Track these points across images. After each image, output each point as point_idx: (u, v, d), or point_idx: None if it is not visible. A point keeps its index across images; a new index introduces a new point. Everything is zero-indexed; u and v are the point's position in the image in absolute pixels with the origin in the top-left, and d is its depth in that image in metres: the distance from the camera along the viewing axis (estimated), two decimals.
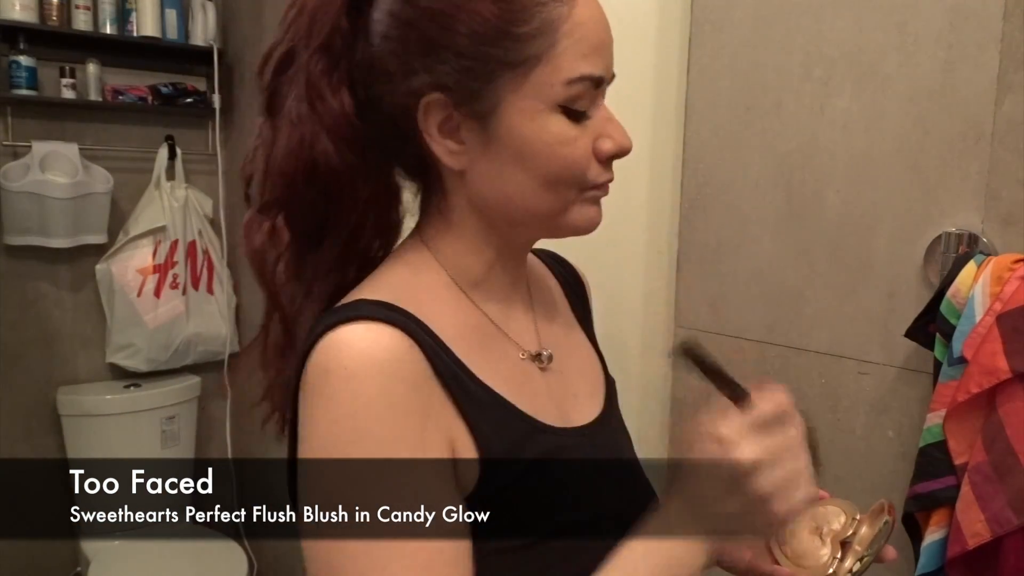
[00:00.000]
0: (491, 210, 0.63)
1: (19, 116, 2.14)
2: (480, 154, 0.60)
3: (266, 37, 1.97)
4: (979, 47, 0.90)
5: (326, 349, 0.54)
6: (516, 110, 0.58)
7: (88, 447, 2.20)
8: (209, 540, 2.26)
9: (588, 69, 0.58)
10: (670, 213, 1.25)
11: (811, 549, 0.69)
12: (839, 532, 0.69)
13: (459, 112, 0.59)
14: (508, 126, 0.59)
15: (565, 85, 0.57)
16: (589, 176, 0.60)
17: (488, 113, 0.58)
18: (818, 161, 1.04)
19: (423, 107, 0.59)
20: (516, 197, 0.61)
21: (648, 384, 1.31)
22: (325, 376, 0.53)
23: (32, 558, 2.29)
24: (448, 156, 0.60)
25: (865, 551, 0.68)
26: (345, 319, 0.55)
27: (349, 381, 0.53)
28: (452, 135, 0.60)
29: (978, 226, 0.91)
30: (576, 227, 0.62)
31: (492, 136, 0.59)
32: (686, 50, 1.19)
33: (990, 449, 0.81)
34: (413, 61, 0.59)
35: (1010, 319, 0.81)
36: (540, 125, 0.58)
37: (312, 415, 0.54)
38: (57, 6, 2.10)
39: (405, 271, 0.63)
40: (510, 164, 0.59)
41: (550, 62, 0.57)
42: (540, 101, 0.58)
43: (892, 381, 1.00)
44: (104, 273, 2.24)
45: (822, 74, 1.03)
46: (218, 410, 2.51)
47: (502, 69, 0.58)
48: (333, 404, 0.53)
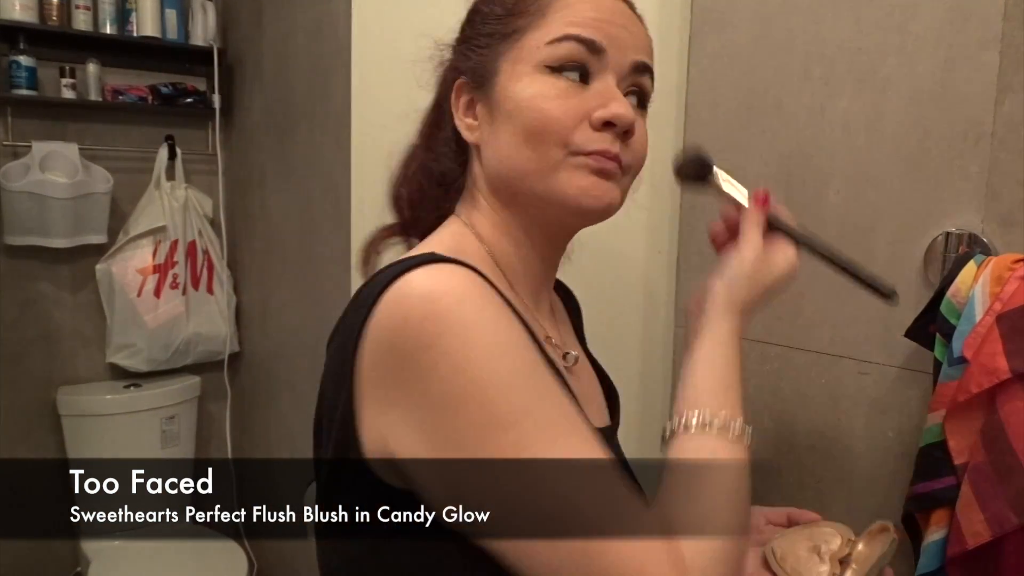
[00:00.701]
0: (497, 179, 0.66)
1: (19, 116, 2.14)
2: (487, 123, 0.65)
3: (266, 37, 1.96)
4: (979, 47, 0.90)
5: (416, 281, 0.53)
6: (508, 75, 0.63)
7: (88, 447, 2.20)
8: (209, 540, 2.26)
9: (574, 31, 0.61)
10: (670, 213, 1.25)
11: (810, 566, 0.70)
12: (837, 551, 0.70)
13: (476, 92, 0.66)
14: (502, 90, 0.63)
15: (548, 44, 0.61)
16: (574, 137, 0.61)
17: (491, 84, 0.64)
18: (818, 161, 1.04)
19: (455, 92, 0.67)
20: (506, 157, 0.63)
21: (648, 384, 1.31)
22: (430, 302, 0.51)
23: (32, 558, 2.29)
24: (467, 131, 0.67)
25: (867, 570, 0.69)
26: (418, 263, 0.54)
27: (460, 299, 0.52)
28: (470, 112, 0.67)
29: (978, 226, 0.91)
30: (566, 194, 0.62)
31: (493, 104, 0.64)
32: (686, 50, 1.19)
33: (990, 449, 0.81)
34: (454, 59, 0.69)
35: (1010, 319, 0.81)
36: (525, 83, 0.62)
37: (432, 342, 0.50)
38: (57, 6, 2.10)
39: (452, 241, 0.66)
40: (503, 124, 0.63)
41: (539, 29, 0.62)
42: (527, 63, 0.62)
43: (892, 381, 1.00)
44: (104, 273, 2.25)
45: (822, 74, 1.03)
46: (218, 410, 2.51)
47: (498, 41, 0.64)
48: (456, 321, 0.51)
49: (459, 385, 0.49)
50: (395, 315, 0.52)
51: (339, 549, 0.62)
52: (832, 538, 0.71)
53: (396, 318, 0.51)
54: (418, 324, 0.50)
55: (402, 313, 0.51)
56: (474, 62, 0.65)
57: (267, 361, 2.38)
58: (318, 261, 1.96)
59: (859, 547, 0.70)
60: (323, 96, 1.87)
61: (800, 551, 0.70)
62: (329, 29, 1.81)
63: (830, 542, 0.71)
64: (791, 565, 0.69)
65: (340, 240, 1.76)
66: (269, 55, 2.20)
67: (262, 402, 2.41)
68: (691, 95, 1.18)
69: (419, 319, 0.50)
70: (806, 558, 0.70)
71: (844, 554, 0.70)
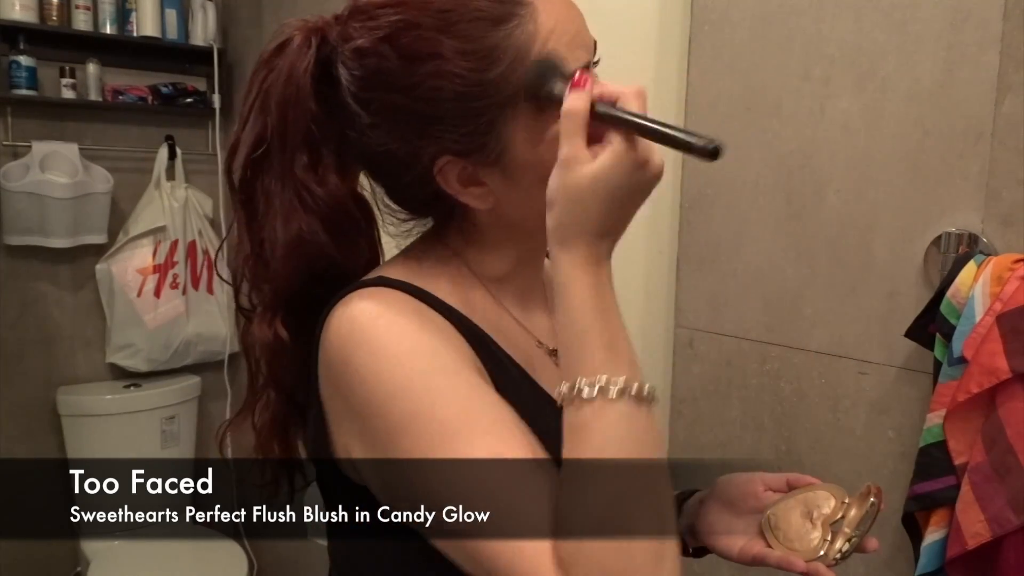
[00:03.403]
0: (525, 225, 0.62)
1: (19, 116, 2.13)
2: (504, 188, 0.60)
3: (266, 37, 1.96)
4: (979, 47, 0.90)
5: (348, 307, 0.55)
6: (522, 140, 0.57)
7: (88, 447, 2.20)
8: (209, 540, 2.26)
9: (573, 67, 0.56)
10: (670, 213, 1.25)
11: (802, 532, 0.70)
12: (829, 515, 0.71)
13: (473, 163, 0.58)
14: (521, 158, 0.58)
15: None
16: None
17: (500, 154, 0.58)
18: (818, 161, 1.04)
19: (439, 172, 0.59)
20: (541, 209, 0.57)
21: None
22: (351, 321, 0.54)
23: (32, 558, 2.29)
24: (476, 200, 0.60)
25: (853, 533, 0.69)
26: (361, 287, 0.57)
27: (376, 315, 0.54)
28: (473, 182, 0.59)
29: (978, 226, 0.91)
30: None
31: (509, 171, 0.59)
32: (686, 50, 1.19)
33: (990, 449, 0.81)
34: (413, 141, 0.58)
35: (1010, 319, 0.81)
36: (549, 144, 0.56)
37: (351, 358, 0.53)
38: (57, 6, 2.10)
39: (416, 258, 0.64)
40: (535, 187, 0.57)
41: None
42: (541, 121, 0.57)
43: (892, 381, 1.00)
44: (104, 273, 2.24)
45: (822, 74, 1.03)
46: (218, 410, 2.51)
47: (496, 111, 0.57)
48: (373, 334, 0.53)
49: (371, 394, 0.52)
50: (328, 336, 0.56)
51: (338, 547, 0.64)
52: (826, 502, 0.72)
53: (328, 339, 0.56)
54: (340, 343, 0.55)
55: (332, 334, 0.56)
56: (465, 142, 0.57)
57: None
58: None
59: (851, 512, 0.71)
60: None
61: (793, 518, 0.71)
62: None
63: (823, 507, 0.72)
64: (784, 533, 0.70)
65: None
66: None
67: None
68: (691, 95, 1.18)
69: (341, 339, 0.55)
70: (799, 525, 0.71)
71: (836, 518, 0.71)
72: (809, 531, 0.70)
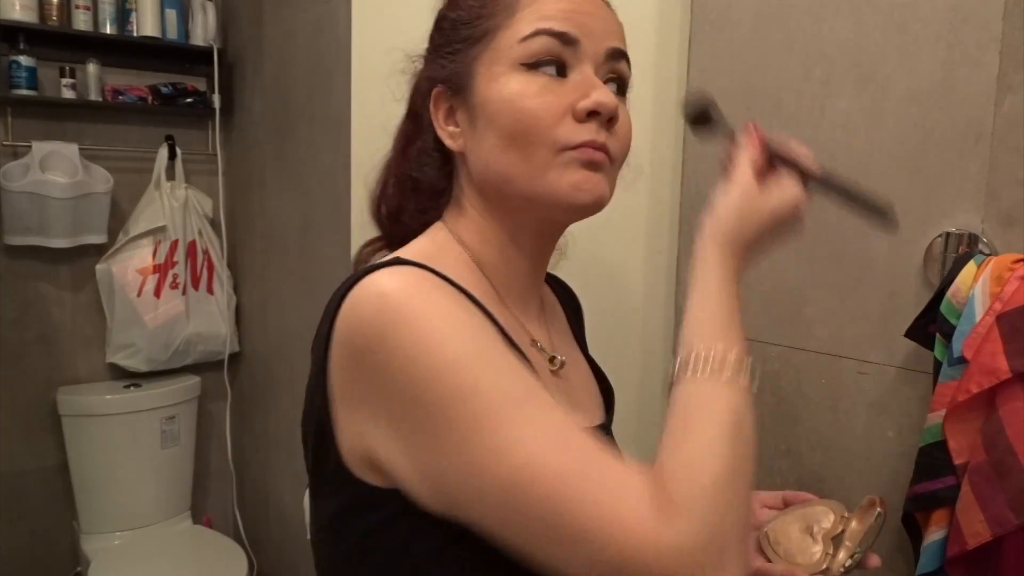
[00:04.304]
0: (484, 185, 0.65)
1: (19, 116, 2.14)
2: (468, 129, 0.64)
3: (266, 37, 1.96)
4: (979, 47, 0.90)
5: (372, 282, 0.54)
6: (484, 78, 0.62)
7: (88, 447, 2.20)
8: (209, 540, 2.26)
9: (545, 25, 0.61)
10: (670, 213, 1.25)
11: (803, 547, 0.69)
12: (830, 530, 0.70)
13: (455, 99, 0.65)
14: (480, 94, 0.63)
15: (521, 42, 0.61)
16: (559, 133, 0.60)
17: (469, 90, 0.64)
18: (818, 161, 1.04)
19: (432, 101, 0.66)
20: (492, 162, 0.62)
21: (648, 384, 1.31)
22: (382, 298, 0.53)
23: (32, 558, 2.29)
24: (450, 139, 0.66)
25: (857, 546, 0.68)
26: (381, 267, 0.56)
27: (408, 291, 0.53)
28: (451, 120, 0.66)
29: (978, 226, 0.91)
30: (558, 192, 0.61)
31: (473, 110, 0.63)
32: (686, 50, 1.19)
33: (990, 449, 0.81)
34: (425, 68, 0.68)
35: (1010, 319, 0.81)
36: (502, 84, 0.61)
37: (386, 333, 0.52)
38: (57, 6, 2.10)
39: (431, 247, 0.66)
40: (485, 128, 0.62)
41: (510, 28, 0.62)
42: (502, 64, 0.62)
43: (892, 381, 1.00)
44: (104, 273, 2.25)
45: (822, 74, 1.03)
46: (218, 410, 2.51)
47: (470, 45, 0.63)
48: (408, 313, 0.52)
49: (414, 373, 0.51)
50: (352, 316, 0.54)
51: (328, 550, 0.62)
52: (825, 517, 0.71)
53: (353, 319, 0.54)
54: (371, 321, 0.52)
55: (357, 314, 0.54)
56: (449, 69, 0.64)
57: (267, 361, 2.38)
58: (318, 261, 1.96)
59: (852, 524, 0.70)
60: (323, 96, 1.87)
61: (793, 533, 0.70)
62: (329, 29, 1.81)
63: (823, 521, 0.71)
64: (784, 548, 0.69)
65: (340, 240, 1.76)
66: (269, 55, 2.20)
67: (262, 402, 2.41)
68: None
69: (372, 316, 0.52)
70: (799, 540, 0.70)
71: (837, 531, 0.70)
72: (810, 545, 0.69)
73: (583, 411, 0.70)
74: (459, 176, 0.68)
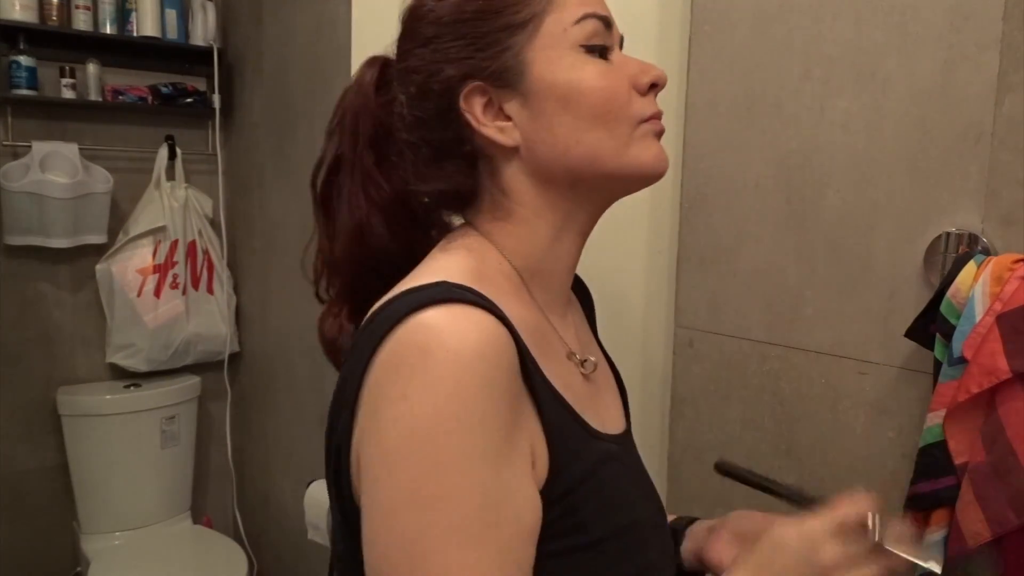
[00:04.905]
0: (554, 172, 0.63)
1: (19, 116, 2.14)
2: (528, 119, 0.62)
3: (266, 37, 1.96)
4: (979, 47, 0.90)
5: (422, 328, 0.51)
6: (542, 61, 0.61)
7: (88, 447, 2.20)
8: (209, 540, 2.26)
9: (590, 9, 0.61)
10: (670, 213, 1.25)
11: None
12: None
13: (496, 91, 0.62)
14: (540, 79, 0.61)
15: (576, 25, 0.61)
16: (635, 109, 0.62)
17: (519, 77, 0.61)
18: (818, 161, 1.04)
19: (464, 99, 0.62)
20: (573, 145, 0.61)
21: (648, 384, 1.31)
22: (424, 356, 0.50)
23: (32, 558, 2.29)
24: (501, 135, 0.62)
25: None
26: (433, 300, 0.52)
27: (455, 364, 0.50)
28: (497, 115, 0.62)
29: (978, 226, 0.91)
30: (644, 164, 0.62)
31: (531, 96, 0.61)
32: (686, 50, 1.19)
33: (990, 449, 0.81)
34: (443, 66, 0.62)
35: (1010, 319, 0.81)
36: (569, 65, 0.61)
37: (408, 394, 0.50)
38: (57, 6, 2.10)
39: (469, 258, 0.62)
40: (557, 114, 0.61)
41: (555, 11, 0.61)
42: (560, 47, 0.61)
43: (892, 381, 1.00)
44: (104, 273, 2.25)
45: (822, 74, 1.03)
46: (218, 410, 2.51)
47: (514, 32, 0.61)
48: (438, 385, 0.49)
49: (403, 442, 0.50)
50: (394, 354, 0.52)
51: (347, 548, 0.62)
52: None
53: (394, 357, 0.52)
54: (401, 369, 0.51)
55: (398, 356, 0.52)
56: (493, 61, 0.61)
57: (267, 361, 2.38)
58: None
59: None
60: (323, 96, 1.87)
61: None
62: (329, 29, 1.81)
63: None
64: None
65: None
66: (269, 55, 2.20)
67: (262, 402, 2.41)
68: (691, 95, 1.18)
69: (409, 366, 0.51)
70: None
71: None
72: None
73: (609, 419, 0.70)
74: (498, 176, 0.64)
